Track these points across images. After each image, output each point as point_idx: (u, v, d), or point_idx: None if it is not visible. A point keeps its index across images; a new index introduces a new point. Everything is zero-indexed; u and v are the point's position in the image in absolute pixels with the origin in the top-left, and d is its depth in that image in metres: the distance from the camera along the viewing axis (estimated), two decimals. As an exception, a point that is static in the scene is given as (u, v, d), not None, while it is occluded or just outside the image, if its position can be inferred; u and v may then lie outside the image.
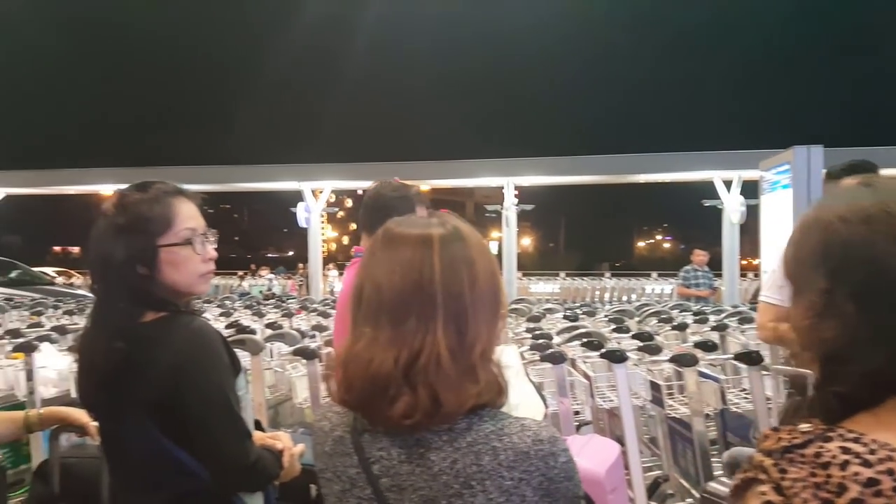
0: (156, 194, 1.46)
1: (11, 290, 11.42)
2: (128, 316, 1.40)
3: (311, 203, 15.64)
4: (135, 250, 1.40)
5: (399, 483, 0.93)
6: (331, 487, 1.01)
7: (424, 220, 1.03)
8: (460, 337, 0.94)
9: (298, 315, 5.96)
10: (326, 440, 1.03)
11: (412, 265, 0.95)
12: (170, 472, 1.40)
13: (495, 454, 0.90)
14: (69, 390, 3.59)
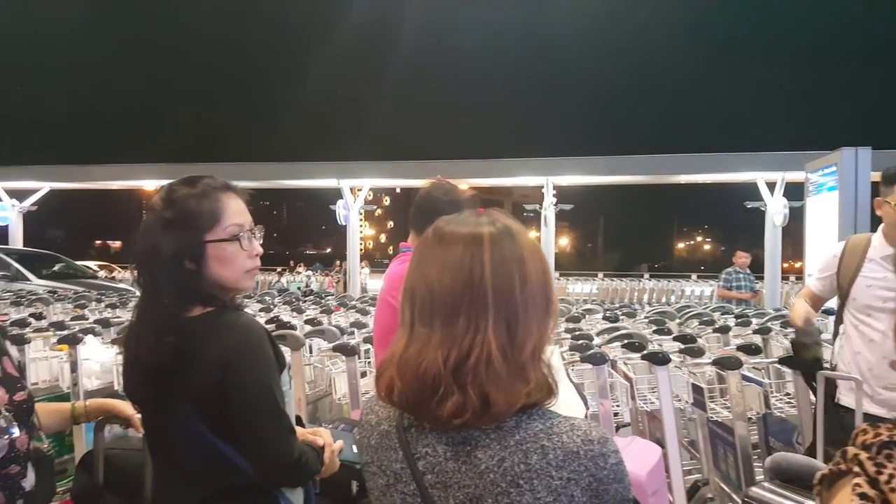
0: (204, 189, 1.46)
1: (55, 282, 11.71)
2: (174, 310, 1.40)
3: (349, 201, 15.79)
4: (182, 245, 1.40)
5: (444, 480, 0.92)
6: (375, 481, 1.01)
7: (474, 218, 1.01)
8: (511, 336, 0.92)
9: (337, 312, 5.99)
10: (372, 434, 1.02)
11: (462, 264, 0.94)
12: (214, 467, 1.40)
13: (544, 453, 0.89)
14: (112, 382, 3.66)
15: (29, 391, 1.68)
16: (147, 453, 1.90)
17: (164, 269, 1.40)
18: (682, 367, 3.31)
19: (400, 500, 0.96)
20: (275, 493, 1.46)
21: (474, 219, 1.00)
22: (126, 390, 1.53)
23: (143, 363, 1.39)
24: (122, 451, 2.06)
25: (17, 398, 1.61)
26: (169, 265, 1.39)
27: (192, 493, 1.42)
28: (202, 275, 1.42)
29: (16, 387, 1.63)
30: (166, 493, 1.49)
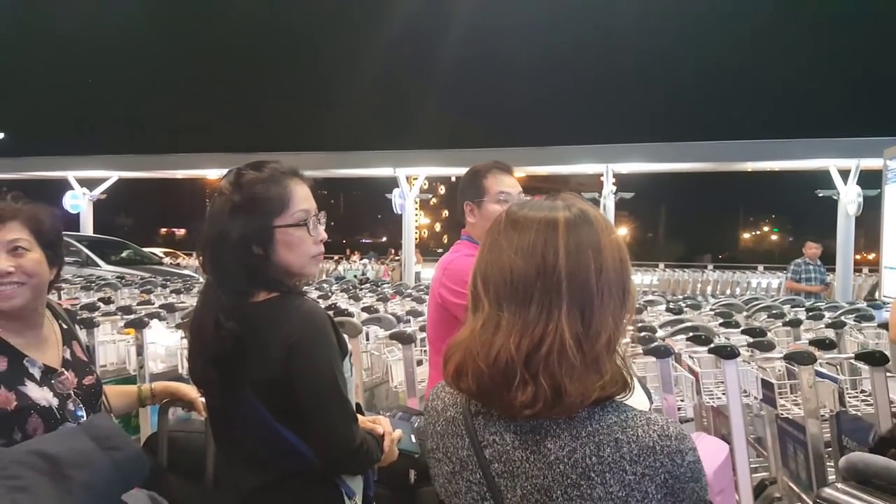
0: (272, 174, 1.47)
1: (123, 268, 12.19)
2: (241, 295, 1.41)
3: (405, 189, 15.86)
4: (251, 230, 1.41)
5: (511, 469, 0.90)
6: (440, 468, 0.99)
7: (549, 202, 0.97)
8: (585, 326, 0.89)
9: (393, 300, 6.02)
10: (438, 420, 1.01)
11: (535, 249, 0.91)
12: (276, 452, 1.41)
13: (618, 446, 0.86)
14: (177, 366, 3.77)
15: (97, 375, 1.72)
16: (209, 436, 1.93)
17: (231, 254, 1.40)
18: (750, 361, 3.18)
19: (465, 487, 0.95)
20: (335, 480, 1.46)
21: (549, 203, 0.97)
22: (191, 374, 1.56)
23: (208, 348, 1.41)
24: (185, 434, 2.11)
25: (86, 382, 1.65)
26: (237, 249, 1.40)
27: (255, 477, 1.43)
28: (269, 260, 1.43)
29: (85, 371, 1.67)
30: (230, 476, 1.51)
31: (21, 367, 1.51)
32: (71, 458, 0.64)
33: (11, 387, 1.47)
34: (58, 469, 0.63)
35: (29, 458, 0.62)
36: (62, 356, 1.62)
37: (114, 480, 0.67)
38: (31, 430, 1.45)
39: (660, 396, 2.94)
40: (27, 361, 1.53)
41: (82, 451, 0.66)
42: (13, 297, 1.50)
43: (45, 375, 1.55)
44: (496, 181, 2.25)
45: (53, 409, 1.50)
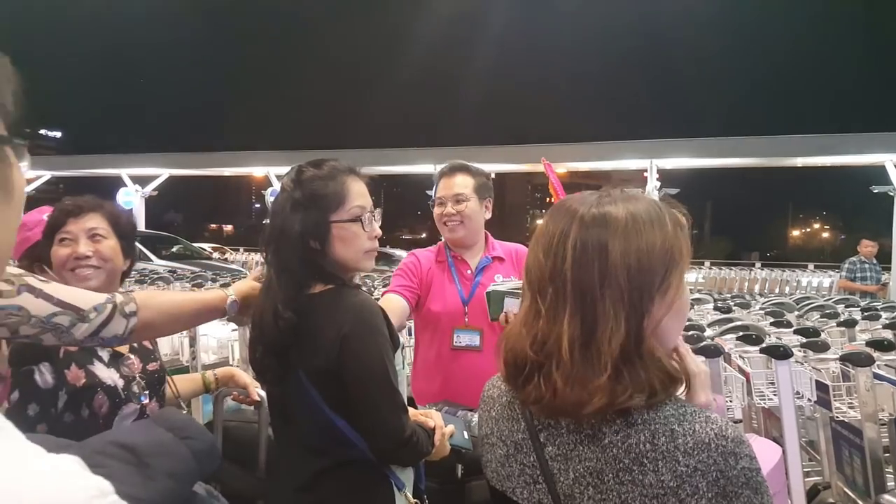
0: (330, 171, 1.52)
1: (173, 263, 12.55)
2: (298, 287, 1.45)
3: (444, 185, 15.88)
4: (309, 225, 1.45)
5: (564, 452, 0.92)
6: (494, 452, 1.01)
7: (592, 198, 0.95)
8: (586, 331, 0.88)
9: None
10: (494, 406, 1.03)
11: (550, 248, 0.93)
12: (329, 439, 1.44)
13: (673, 437, 0.85)
14: (227, 357, 3.86)
15: (161, 363, 1.81)
16: (262, 427, 1.98)
17: (290, 247, 1.45)
18: (804, 362, 3.09)
19: (518, 470, 0.96)
20: (386, 470, 1.49)
21: (592, 198, 0.95)
22: (251, 362, 1.60)
23: (267, 337, 1.45)
24: (238, 424, 2.16)
25: (150, 368, 1.75)
26: (295, 243, 1.45)
27: (310, 462, 1.47)
28: (325, 254, 1.47)
29: (149, 357, 1.77)
30: (286, 461, 1.55)
31: (91, 349, 1.63)
32: (150, 448, 0.67)
33: (81, 365, 1.59)
34: (139, 458, 0.65)
35: (111, 449, 0.65)
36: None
37: (191, 468, 0.69)
38: (97, 406, 1.58)
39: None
40: None
41: (160, 442, 0.69)
42: (89, 279, 1.64)
43: (113, 358, 1.66)
44: (438, 188, 2.46)
45: (118, 389, 1.62)
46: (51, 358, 1.55)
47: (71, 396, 1.55)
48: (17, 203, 0.52)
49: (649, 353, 0.89)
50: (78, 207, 1.68)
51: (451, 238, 2.43)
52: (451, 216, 2.39)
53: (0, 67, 0.50)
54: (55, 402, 1.54)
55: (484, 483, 1.72)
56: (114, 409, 1.60)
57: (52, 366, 1.55)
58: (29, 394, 1.52)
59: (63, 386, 1.55)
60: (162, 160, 19.53)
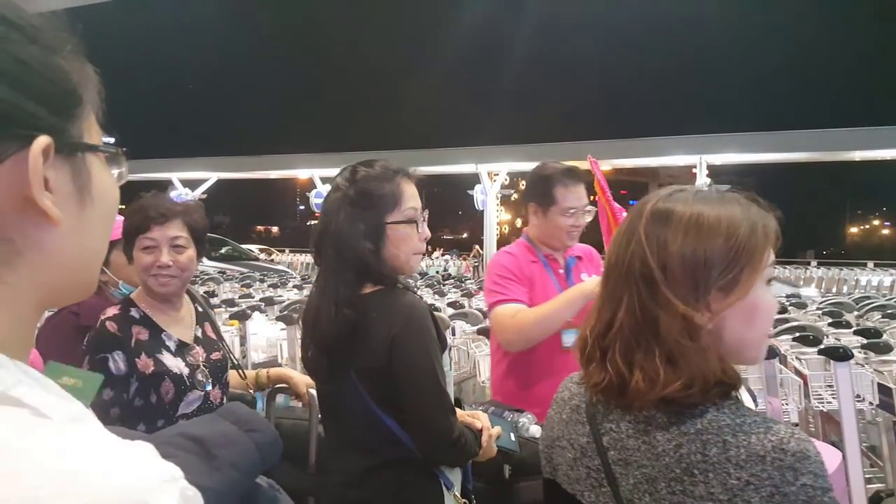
0: (384, 172, 1.52)
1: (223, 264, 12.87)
2: (353, 287, 1.46)
3: (487, 185, 15.86)
4: (364, 225, 1.46)
5: (625, 457, 0.91)
6: (564, 455, 1.01)
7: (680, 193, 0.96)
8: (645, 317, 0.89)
9: (477, 295, 6.05)
10: (564, 409, 1.03)
11: (620, 235, 0.96)
12: (378, 438, 1.45)
13: (724, 448, 0.82)
14: (276, 356, 3.94)
15: (224, 353, 1.89)
16: (313, 425, 2.01)
17: (347, 247, 1.46)
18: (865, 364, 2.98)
19: (585, 474, 0.97)
20: (435, 469, 1.49)
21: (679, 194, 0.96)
22: (303, 361, 1.63)
23: (323, 334, 1.46)
24: (289, 421, 2.20)
25: (214, 357, 1.84)
26: (350, 243, 1.45)
27: (360, 460, 1.48)
28: (379, 254, 1.47)
29: (213, 348, 1.86)
30: (336, 458, 1.57)
31: (159, 339, 1.74)
32: (216, 439, 0.68)
33: (150, 354, 1.70)
34: (205, 448, 0.67)
35: (178, 440, 0.67)
36: (194, 334, 1.84)
37: (255, 460, 0.70)
38: (164, 392, 1.68)
39: (764, 399, 2.81)
40: (164, 335, 1.76)
41: (225, 433, 0.70)
42: (167, 286, 1.75)
43: (179, 348, 1.77)
44: (566, 194, 2.25)
45: (184, 377, 1.72)
46: (123, 347, 1.66)
47: (141, 383, 1.66)
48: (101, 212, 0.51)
49: (705, 347, 0.88)
50: (163, 216, 1.74)
51: (566, 245, 2.31)
52: (579, 228, 2.28)
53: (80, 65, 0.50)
54: (127, 388, 1.65)
55: (531, 485, 1.71)
56: (179, 395, 1.70)
57: (124, 354, 1.65)
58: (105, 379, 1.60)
59: (134, 373, 1.65)
60: (210, 164, 20.02)
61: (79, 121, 0.49)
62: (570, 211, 2.24)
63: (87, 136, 0.51)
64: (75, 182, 0.49)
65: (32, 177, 0.44)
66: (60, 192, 0.47)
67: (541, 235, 2.31)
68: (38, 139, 0.44)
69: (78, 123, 0.49)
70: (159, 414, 1.68)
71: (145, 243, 1.73)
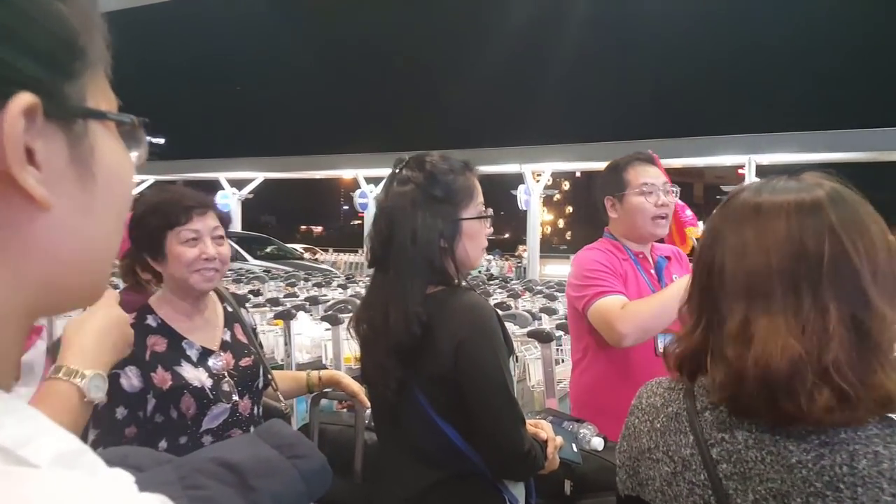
0: (455, 165, 1.43)
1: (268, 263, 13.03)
2: (420, 287, 1.36)
3: (531, 185, 15.69)
4: (440, 221, 1.37)
5: (742, 471, 0.81)
6: (658, 469, 0.90)
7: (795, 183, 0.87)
8: (862, 322, 0.78)
9: (523, 296, 5.93)
10: (657, 416, 0.92)
11: (794, 235, 0.81)
12: (439, 450, 1.37)
13: (876, 460, 0.74)
14: (321, 356, 3.90)
15: (256, 358, 1.73)
16: (359, 432, 1.93)
17: (421, 244, 1.35)
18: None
19: (687, 490, 0.86)
20: (499, 484, 1.39)
21: (796, 184, 0.86)
22: (363, 366, 1.53)
23: (389, 339, 1.36)
24: (334, 427, 2.13)
25: (243, 364, 1.68)
26: (427, 240, 1.36)
27: (421, 474, 1.39)
28: (451, 252, 1.39)
29: (242, 353, 1.70)
30: (395, 470, 1.47)
31: (179, 349, 1.59)
32: (255, 468, 0.59)
33: (168, 367, 1.55)
34: (242, 479, 0.57)
35: (212, 467, 0.58)
36: (221, 338, 1.69)
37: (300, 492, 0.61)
38: (184, 408, 1.54)
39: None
40: (185, 343, 1.61)
41: (266, 460, 0.61)
42: (212, 280, 1.61)
43: (202, 357, 1.61)
44: (638, 172, 2.06)
45: (206, 390, 1.57)
46: (137, 361, 1.52)
47: (159, 399, 1.53)
48: (110, 194, 0.41)
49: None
50: (203, 206, 1.62)
51: (655, 235, 2.10)
52: (666, 207, 2.04)
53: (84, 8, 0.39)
54: (143, 406, 1.52)
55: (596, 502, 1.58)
56: (201, 409, 1.56)
57: (138, 369, 1.52)
58: (116, 397, 1.48)
59: (150, 389, 1.52)
60: (257, 164, 20.32)
61: (79, 79, 0.39)
62: (647, 187, 2.02)
63: (93, 101, 0.40)
64: (73, 156, 0.38)
65: (9, 145, 0.34)
66: (51, 168, 0.37)
67: (623, 229, 2.10)
68: (19, 97, 0.34)
69: (78, 83, 0.39)
70: (181, 430, 1.55)
71: (188, 235, 1.57)
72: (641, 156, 2.12)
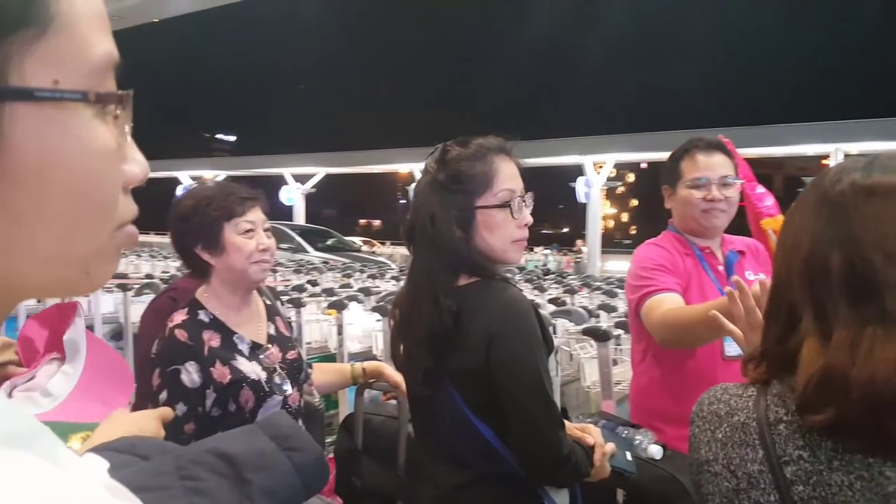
0: (477, 150, 1.37)
1: (327, 254, 13.32)
2: (446, 279, 1.32)
3: (591, 177, 15.37)
4: (454, 210, 1.32)
5: (823, 496, 0.71)
6: (718, 484, 0.81)
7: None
8: None
9: (581, 292, 5.78)
10: (719, 426, 0.83)
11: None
12: (473, 449, 1.31)
13: None
14: (371, 347, 3.91)
15: (299, 350, 1.76)
16: (403, 423, 1.89)
17: (438, 234, 1.32)
18: None
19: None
20: (539, 490, 1.32)
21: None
22: (393, 358, 1.50)
23: (417, 330, 1.33)
24: (379, 418, 2.10)
25: (290, 356, 1.71)
26: (439, 229, 1.32)
27: (453, 473, 1.34)
28: (469, 242, 1.33)
29: (287, 346, 1.72)
30: (426, 469, 1.43)
31: (232, 344, 1.60)
32: (250, 460, 0.57)
33: (226, 362, 1.56)
34: (237, 472, 0.54)
35: (208, 459, 0.55)
36: (267, 332, 1.70)
37: (295, 487, 0.58)
38: (243, 401, 1.55)
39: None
40: (236, 338, 1.62)
41: (262, 452, 0.59)
42: (266, 271, 1.63)
43: (253, 350, 1.63)
44: (693, 163, 1.94)
45: (262, 382, 1.58)
46: (196, 356, 1.54)
47: (219, 393, 1.54)
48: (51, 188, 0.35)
49: None
50: (255, 199, 1.63)
51: (709, 227, 1.98)
52: (719, 201, 1.94)
53: None
54: (203, 401, 1.53)
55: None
56: (259, 402, 1.57)
57: (198, 364, 1.53)
58: (177, 394, 1.50)
59: (210, 384, 1.53)
60: (319, 159, 20.76)
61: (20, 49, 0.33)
62: (698, 181, 1.91)
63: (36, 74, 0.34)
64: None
65: None
66: None
67: (679, 221, 1.99)
68: None
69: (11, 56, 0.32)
70: (237, 423, 1.54)
71: (245, 227, 1.58)
72: (702, 143, 1.98)
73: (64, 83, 0.35)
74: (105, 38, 0.37)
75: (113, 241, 0.40)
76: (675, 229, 2.02)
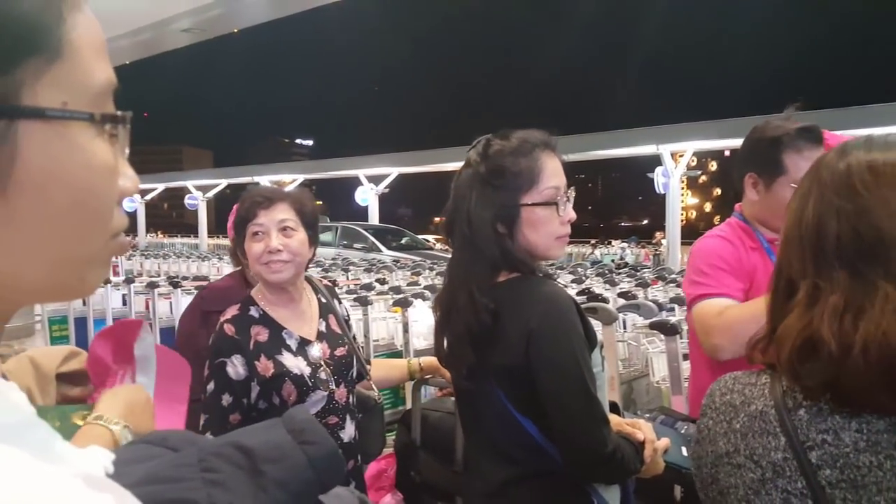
0: (521, 145, 1.34)
1: (400, 253, 13.52)
2: (486, 275, 1.32)
3: (669, 167, 14.83)
4: (497, 207, 1.31)
5: (853, 478, 0.70)
6: (741, 476, 0.78)
7: None
8: None
9: (654, 285, 5.60)
10: (736, 416, 0.81)
11: None
12: (518, 445, 1.29)
13: None
14: (435, 342, 3.92)
15: (350, 347, 1.78)
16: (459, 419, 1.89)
17: (477, 230, 1.31)
18: None
19: (781, 499, 0.75)
20: (587, 486, 1.29)
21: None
22: (436, 353, 1.50)
23: (457, 326, 1.33)
24: (436, 413, 2.11)
25: (338, 353, 1.74)
26: (481, 225, 1.31)
27: (500, 469, 1.33)
28: (513, 239, 1.32)
29: (337, 343, 1.76)
30: (476, 464, 1.43)
31: (279, 338, 1.66)
32: (265, 452, 0.59)
33: (270, 356, 1.62)
34: (253, 464, 0.56)
35: (227, 451, 0.58)
36: (317, 329, 1.74)
37: (308, 479, 0.59)
38: (286, 395, 1.61)
39: None
40: (285, 333, 1.67)
41: (277, 444, 0.60)
42: (279, 272, 1.66)
43: (301, 346, 1.68)
44: (799, 161, 1.69)
45: (305, 377, 1.64)
46: (242, 350, 1.60)
47: (263, 386, 1.60)
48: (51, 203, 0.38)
49: None
50: (268, 199, 1.67)
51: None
52: None
53: None
54: (248, 393, 1.60)
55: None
56: (301, 396, 1.62)
57: (243, 357, 1.60)
58: (223, 385, 1.59)
59: (255, 377, 1.60)
60: (391, 160, 21.07)
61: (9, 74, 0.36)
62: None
63: (46, 96, 0.37)
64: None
65: None
66: None
67: (761, 214, 1.81)
68: None
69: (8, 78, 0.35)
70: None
71: (254, 230, 1.66)
72: (810, 134, 1.75)
73: (71, 105, 0.38)
74: (106, 64, 0.41)
75: (107, 249, 0.43)
76: (742, 217, 1.86)
